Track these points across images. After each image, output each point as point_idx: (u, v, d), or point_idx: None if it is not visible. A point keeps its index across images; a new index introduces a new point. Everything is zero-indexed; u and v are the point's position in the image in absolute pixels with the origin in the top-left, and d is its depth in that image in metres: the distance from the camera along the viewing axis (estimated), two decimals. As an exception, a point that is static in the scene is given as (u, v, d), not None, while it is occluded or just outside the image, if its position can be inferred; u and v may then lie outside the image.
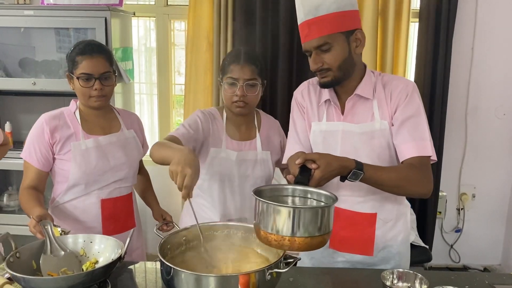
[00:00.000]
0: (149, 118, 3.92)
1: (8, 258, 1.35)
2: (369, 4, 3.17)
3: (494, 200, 3.63)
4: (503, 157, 3.55)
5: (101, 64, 1.88)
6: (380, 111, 1.66)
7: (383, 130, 1.65)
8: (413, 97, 1.65)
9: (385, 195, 1.69)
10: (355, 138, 1.67)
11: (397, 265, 1.75)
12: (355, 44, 1.62)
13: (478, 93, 3.46)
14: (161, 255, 1.33)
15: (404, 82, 1.70)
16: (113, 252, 1.48)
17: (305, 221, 1.25)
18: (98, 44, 1.96)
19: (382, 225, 1.73)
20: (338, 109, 1.72)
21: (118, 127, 2.03)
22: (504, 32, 3.37)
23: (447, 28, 3.21)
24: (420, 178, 1.59)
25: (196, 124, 1.92)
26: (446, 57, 3.25)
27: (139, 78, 3.83)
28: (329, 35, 1.57)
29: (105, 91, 1.90)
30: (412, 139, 1.60)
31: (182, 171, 1.38)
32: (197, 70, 3.37)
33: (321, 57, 1.60)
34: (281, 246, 1.28)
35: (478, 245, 3.69)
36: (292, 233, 1.25)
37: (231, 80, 1.88)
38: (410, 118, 1.62)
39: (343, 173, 1.47)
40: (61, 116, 1.95)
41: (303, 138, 1.77)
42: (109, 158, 1.95)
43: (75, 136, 1.92)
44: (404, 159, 1.62)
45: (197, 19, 3.30)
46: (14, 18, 2.99)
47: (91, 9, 2.99)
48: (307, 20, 1.59)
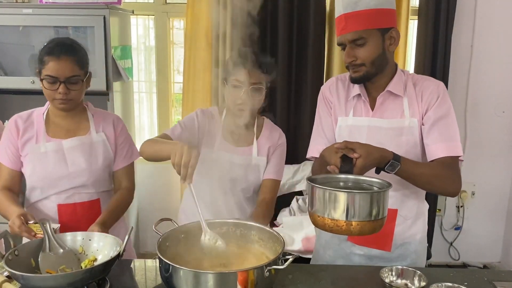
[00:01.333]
0: (148, 116, 3.92)
1: (6, 256, 1.35)
2: (368, 1, 3.17)
3: (493, 198, 3.64)
4: (502, 154, 3.56)
5: (68, 67, 1.76)
6: (410, 109, 1.68)
7: (412, 127, 1.67)
8: (444, 98, 1.68)
9: (407, 192, 1.72)
10: (381, 133, 1.69)
11: (413, 263, 1.77)
12: (389, 42, 1.64)
13: (478, 91, 3.47)
14: (160, 252, 1.33)
15: (435, 82, 1.72)
16: (112, 249, 1.48)
17: (362, 205, 1.29)
18: (70, 43, 1.84)
19: (402, 222, 1.75)
20: (367, 105, 1.73)
21: (86, 130, 1.91)
22: (503, 29, 3.38)
23: (446, 25, 3.23)
24: (451, 177, 1.63)
25: (192, 123, 1.91)
26: (445, 54, 3.27)
27: (138, 77, 3.82)
28: (365, 30, 1.59)
29: (71, 95, 1.78)
30: (443, 139, 1.64)
31: (185, 151, 1.39)
32: (195, 68, 3.37)
33: (355, 51, 1.62)
34: (340, 231, 1.31)
35: (478, 243, 3.70)
36: (348, 217, 1.29)
37: (237, 83, 1.84)
38: (441, 118, 1.65)
39: (381, 164, 1.49)
40: (30, 116, 1.89)
41: (328, 133, 1.78)
42: (68, 164, 1.85)
43: (36, 138, 1.85)
44: (434, 158, 1.64)
45: (196, 17, 3.30)
46: (13, 16, 2.98)
47: (90, 7, 2.98)
48: (345, 13, 1.61)
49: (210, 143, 1.93)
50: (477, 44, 3.40)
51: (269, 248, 1.51)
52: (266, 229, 1.54)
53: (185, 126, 1.89)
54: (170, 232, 1.49)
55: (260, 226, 1.56)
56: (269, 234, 1.52)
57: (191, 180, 1.41)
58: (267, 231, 1.53)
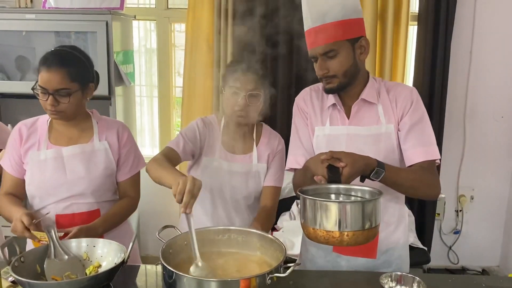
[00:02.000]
0: (149, 120, 3.94)
1: (13, 262, 1.37)
2: (368, 7, 3.20)
3: (492, 202, 3.66)
4: (501, 159, 3.58)
5: (57, 80, 1.71)
6: (386, 115, 1.71)
7: (389, 133, 1.70)
8: (418, 103, 1.71)
9: (388, 198, 1.73)
10: (360, 141, 1.70)
11: (398, 268, 1.77)
12: (360, 51, 1.66)
13: (476, 96, 3.49)
14: (163, 259, 1.36)
15: (408, 88, 1.75)
16: (116, 256, 1.50)
17: (354, 215, 1.29)
18: (64, 54, 1.79)
19: (385, 228, 1.76)
20: (343, 113, 1.75)
21: (89, 138, 1.89)
22: (502, 35, 3.40)
23: (446, 31, 3.24)
24: (431, 181, 1.66)
25: (194, 133, 1.92)
26: (444, 60, 3.28)
27: (140, 81, 3.85)
28: (335, 42, 1.61)
29: (60, 107, 1.75)
30: (420, 144, 1.66)
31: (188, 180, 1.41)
32: (196, 73, 3.39)
33: (327, 63, 1.64)
34: (332, 242, 1.32)
35: (477, 247, 3.72)
36: (341, 228, 1.29)
37: (234, 89, 1.85)
38: (417, 124, 1.68)
39: (367, 171, 1.50)
40: (34, 124, 1.89)
41: (306, 143, 1.79)
42: (66, 171, 1.82)
43: (38, 146, 1.84)
44: (412, 163, 1.67)
45: (196, 21, 3.33)
46: (16, 21, 3.02)
47: (93, 12, 3.02)
48: (314, 27, 1.63)
49: (211, 152, 1.94)
50: (476, 50, 3.42)
51: (270, 255, 1.53)
52: (268, 236, 1.56)
53: (187, 137, 1.90)
54: (173, 239, 1.51)
55: (262, 233, 1.58)
56: (270, 241, 1.54)
57: (190, 209, 1.42)
58: (269, 238, 1.55)
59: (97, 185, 1.86)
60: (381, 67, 3.32)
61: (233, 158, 1.95)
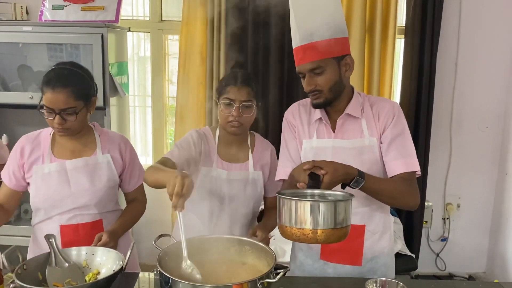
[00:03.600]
0: (141, 129, 4.00)
1: (16, 270, 1.43)
2: (356, 20, 3.30)
3: (478, 210, 3.75)
4: (486, 168, 3.68)
5: (63, 100, 1.75)
6: (369, 129, 1.79)
7: (372, 146, 1.78)
8: (399, 117, 1.79)
9: (373, 207, 1.82)
10: (345, 153, 1.78)
11: (384, 276, 1.84)
12: (345, 68, 1.75)
13: (462, 107, 3.60)
14: (160, 266, 1.42)
15: (390, 103, 1.84)
16: (114, 263, 1.56)
17: (326, 213, 1.36)
18: (67, 73, 1.82)
19: (370, 236, 1.84)
20: (329, 127, 1.83)
21: (92, 151, 1.93)
22: (486, 48, 3.51)
23: (432, 43, 3.34)
24: (411, 191, 1.73)
25: (189, 144, 1.96)
26: (430, 72, 3.38)
27: (134, 90, 3.91)
28: (322, 59, 1.70)
29: (67, 125, 1.79)
30: (401, 156, 1.74)
31: (174, 179, 1.44)
32: (189, 84, 3.46)
33: (314, 79, 1.73)
34: (307, 239, 1.38)
35: (463, 254, 3.81)
36: (313, 225, 1.36)
37: (228, 100, 1.92)
38: (398, 136, 1.76)
39: (347, 180, 1.57)
40: (37, 137, 1.92)
41: (294, 155, 1.88)
42: (70, 184, 1.87)
43: (42, 159, 1.88)
44: (393, 174, 1.75)
45: (190, 34, 3.41)
46: (13, 34, 3.07)
47: (88, 25, 3.07)
48: (302, 45, 1.72)
49: (207, 162, 1.99)
50: (461, 62, 3.53)
51: (261, 262, 1.59)
52: (259, 244, 1.63)
53: (182, 147, 1.95)
54: (169, 247, 1.57)
55: (253, 241, 1.66)
56: (261, 248, 1.61)
57: (182, 208, 1.45)
58: (260, 246, 1.62)
59: (100, 197, 1.92)
60: (369, 79, 3.41)
61: (230, 167, 2.01)
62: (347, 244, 1.81)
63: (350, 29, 3.31)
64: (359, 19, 3.30)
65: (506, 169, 3.56)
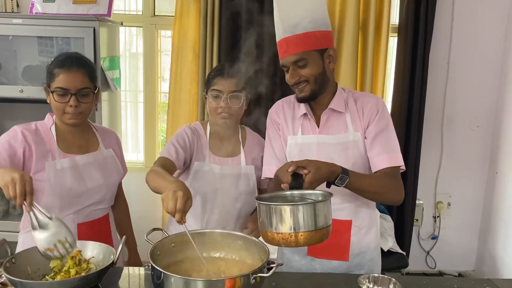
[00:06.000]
0: (132, 125, 3.97)
1: (4, 263, 1.41)
2: (350, 18, 3.30)
3: (468, 208, 3.78)
4: (477, 167, 3.71)
5: (79, 79, 1.74)
6: (353, 124, 1.80)
7: (356, 141, 1.78)
8: (383, 112, 1.80)
9: (359, 203, 1.82)
10: (330, 149, 1.79)
11: (370, 271, 1.86)
12: (328, 60, 1.76)
13: (454, 106, 3.61)
14: (152, 260, 1.41)
15: (374, 98, 1.85)
16: (105, 257, 1.54)
17: (305, 216, 1.35)
18: (80, 57, 1.84)
19: (357, 232, 1.85)
20: (313, 123, 1.83)
21: (96, 146, 1.92)
22: (478, 47, 3.53)
23: (424, 43, 3.35)
24: (395, 186, 1.74)
25: (184, 141, 1.96)
26: (423, 70, 3.39)
27: (125, 86, 3.88)
28: (305, 51, 1.70)
29: (81, 108, 1.76)
30: (385, 151, 1.75)
31: (173, 195, 1.42)
32: (182, 79, 3.44)
33: (297, 72, 1.73)
34: (288, 243, 1.38)
35: (453, 252, 3.83)
36: (295, 229, 1.35)
37: (216, 92, 1.92)
38: (382, 132, 1.77)
39: (331, 178, 1.57)
40: (37, 131, 1.80)
41: (278, 153, 1.88)
42: (86, 180, 1.83)
43: (51, 155, 1.78)
44: (377, 169, 1.75)
45: (183, 29, 3.38)
46: (2, 26, 3.02)
47: (80, 19, 3.03)
48: (285, 37, 1.72)
49: (200, 157, 1.99)
50: (453, 61, 3.54)
51: (253, 256, 1.59)
52: (252, 239, 1.62)
53: (179, 144, 1.94)
54: (161, 241, 1.56)
55: (246, 236, 1.65)
56: (254, 243, 1.60)
57: (184, 220, 1.44)
58: (253, 240, 1.61)
59: (112, 191, 1.95)
60: (363, 77, 3.40)
61: (222, 161, 2.01)
62: (334, 240, 1.80)
63: (344, 27, 3.32)
64: (353, 17, 3.30)
65: (496, 168, 3.59)
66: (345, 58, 3.31)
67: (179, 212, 1.40)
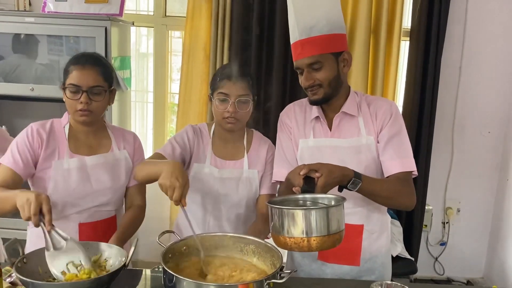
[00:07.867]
0: (141, 125, 3.97)
1: (16, 263, 1.40)
2: (361, 22, 3.28)
3: (478, 215, 3.74)
4: (487, 173, 3.67)
5: (92, 77, 1.74)
6: (366, 128, 1.78)
7: (369, 145, 1.77)
8: (397, 117, 1.79)
9: (371, 208, 1.81)
10: (342, 152, 1.77)
11: (381, 276, 1.84)
12: (343, 63, 1.75)
13: (465, 111, 3.58)
14: (164, 263, 1.40)
15: (387, 102, 1.84)
16: (117, 260, 1.53)
17: (318, 220, 1.34)
18: (97, 56, 1.84)
19: (368, 236, 1.83)
20: (325, 126, 1.82)
21: (108, 147, 1.89)
22: (490, 52, 3.50)
23: (437, 47, 3.33)
24: (408, 191, 1.72)
25: (183, 140, 1.93)
26: (435, 75, 3.36)
27: (135, 86, 3.88)
28: (320, 54, 1.69)
29: (92, 106, 1.75)
30: (398, 156, 1.73)
31: (171, 185, 1.41)
32: (192, 80, 3.44)
33: (312, 74, 1.72)
34: (300, 248, 1.36)
35: (462, 258, 3.79)
36: (308, 234, 1.34)
37: (223, 96, 1.85)
38: (395, 136, 1.75)
39: (344, 182, 1.56)
40: (51, 128, 1.82)
41: (290, 156, 1.86)
42: (92, 182, 1.81)
43: (59, 153, 1.78)
44: (390, 174, 1.74)
45: (194, 30, 3.38)
46: (15, 24, 3.03)
47: (92, 18, 3.04)
48: (301, 39, 1.71)
49: (201, 158, 1.95)
50: (465, 66, 3.51)
51: (266, 261, 1.57)
52: (264, 243, 1.60)
53: (177, 143, 1.91)
54: (172, 245, 1.55)
55: (258, 240, 1.63)
56: (266, 247, 1.58)
57: (184, 204, 1.43)
58: (264, 244, 1.59)
59: (119, 194, 1.91)
60: (373, 81, 3.38)
61: (224, 164, 1.96)
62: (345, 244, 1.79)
63: (355, 31, 3.30)
64: (364, 20, 3.28)
65: (507, 175, 3.55)
66: (356, 61, 3.29)
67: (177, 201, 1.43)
